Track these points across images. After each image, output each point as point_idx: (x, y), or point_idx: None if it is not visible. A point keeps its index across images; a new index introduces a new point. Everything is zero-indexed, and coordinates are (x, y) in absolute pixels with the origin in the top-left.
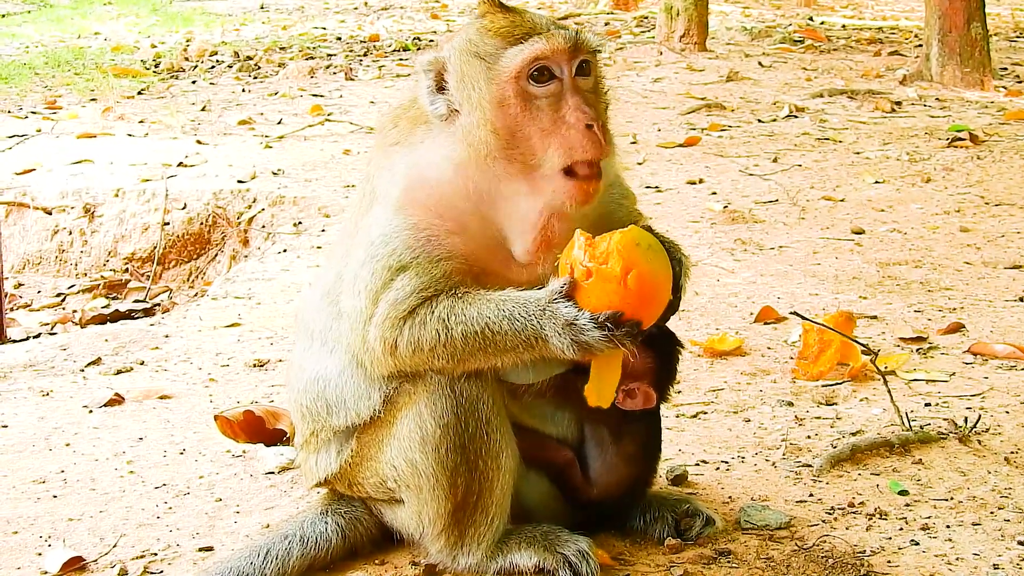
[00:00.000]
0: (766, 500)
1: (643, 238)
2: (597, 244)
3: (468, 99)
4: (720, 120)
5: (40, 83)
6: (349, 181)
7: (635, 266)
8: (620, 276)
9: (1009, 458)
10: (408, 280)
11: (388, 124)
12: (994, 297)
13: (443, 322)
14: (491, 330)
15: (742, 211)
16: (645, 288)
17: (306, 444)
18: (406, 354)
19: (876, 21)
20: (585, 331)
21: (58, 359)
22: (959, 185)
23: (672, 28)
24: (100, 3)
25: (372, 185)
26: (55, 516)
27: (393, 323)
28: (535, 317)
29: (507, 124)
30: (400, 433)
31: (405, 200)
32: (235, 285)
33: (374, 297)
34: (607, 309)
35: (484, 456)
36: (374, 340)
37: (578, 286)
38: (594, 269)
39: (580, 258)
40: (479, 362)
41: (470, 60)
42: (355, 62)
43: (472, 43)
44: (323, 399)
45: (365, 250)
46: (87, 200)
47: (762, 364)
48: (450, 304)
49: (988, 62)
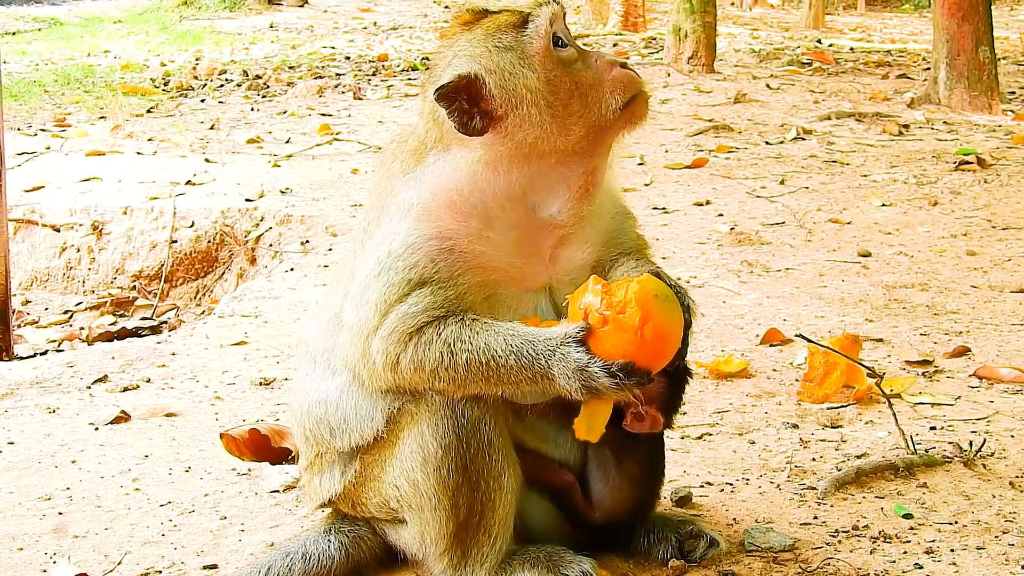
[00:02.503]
0: (770, 522)
1: (660, 289)
2: (614, 292)
3: (515, 94)
4: (727, 142)
5: (49, 101)
6: (357, 200)
7: (652, 318)
8: (637, 327)
9: (1014, 482)
10: (423, 297)
11: (405, 147)
12: (1000, 321)
13: (448, 346)
14: (496, 363)
15: (749, 233)
16: (660, 339)
17: (310, 467)
18: (407, 371)
19: (884, 44)
20: (596, 378)
21: (65, 376)
22: (966, 208)
23: (680, 50)
24: (110, 21)
25: (383, 205)
26: (60, 533)
27: (400, 337)
28: (543, 356)
29: (560, 96)
30: (402, 453)
31: (432, 206)
32: (242, 303)
33: (384, 309)
34: (621, 358)
35: (486, 476)
36: (377, 352)
37: (592, 332)
38: (611, 317)
39: (595, 305)
40: (479, 389)
41: (503, 57)
42: (364, 82)
43: (490, 45)
44: (326, 422)
45: (381, 261)
46: (95, 217)
47: (767, 386)
48: (457, 330)
49: (996, 86)
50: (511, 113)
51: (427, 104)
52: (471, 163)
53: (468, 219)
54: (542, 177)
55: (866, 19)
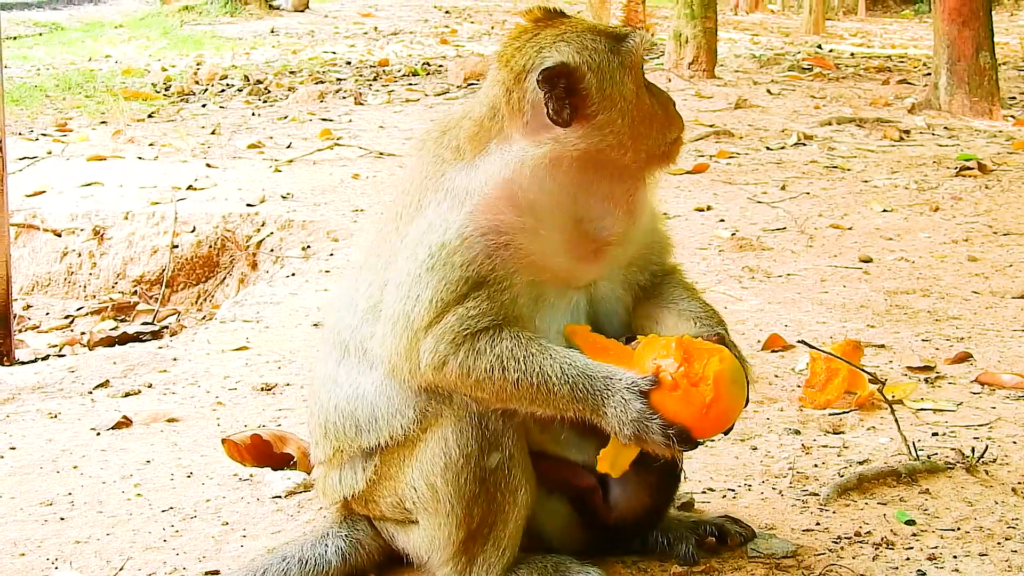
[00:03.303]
0: (773, 529)
1: (736, 374)
2: (693, 361)
3: (611, 97)
4: (728, 147)
5: (51, 105)
6: (358, 205)
7: (721, 401)
8: (706, 405)
9: (1016, 488)
10: (481, 300)
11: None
12: (1002, 327)
13: (501, 361)
14: (547, 387)
15: (750, 239)
16: (721, 419)
17: (328, 461)
18: (452, 374)
19: (885, 49)
20: (651, 433)
21: (66, 381)
22: (967, 214)
23: (681, 55)
24: (111, 26)
25: (427, 190)
26: (62, 538)
27: (454, 338)
28: (601, 395)
29: (642, 113)
30: (424, 456)
31: (492, 198)
32: (243, 308)
33: (441, 308)
34: (679, 423)
35: (503, 489)
36: (425, 351)
37: (659, 389)
38: (683, 386)
39: (672, 368)
40: (520, 407)
41: (607, 59)
42: (365, 87)
43: (592, 44)
44: (353, 418)
45: (434, 254)
46: (96, 222)
47: (769, 392)
48: (512, 346)
49: (997, 91)
50: (601, 114)
51: (500, 88)
52: (536, 158)
53: (526, 215)
54: (596, 187)
55: (866, 24)
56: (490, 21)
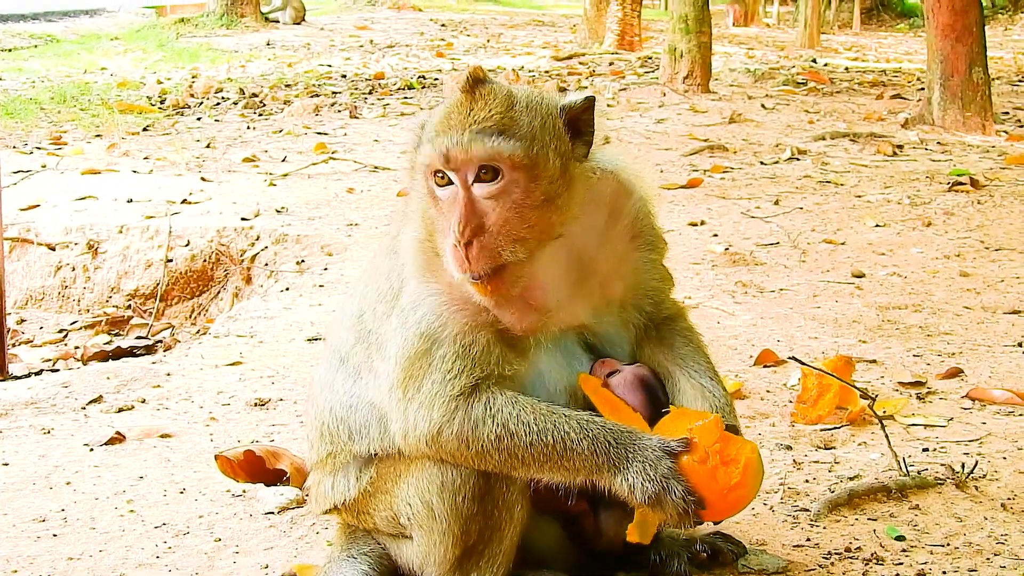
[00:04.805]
0: (763, 544)
1: (761, 470)
2: (731, 444)
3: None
4: (722, 162)
5: (45, 118)
6: (352, 219)
7: (743, 488)
8: (729, 487)
9: (1006, 504)
10: (449, 358)
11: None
12: (993, 342)
13: (506, 428)
14: (564, 445)
15: (743, 253)
16: (734, 505)
17: (321, 464)
18: (450, 445)
19: (879, 64)
20: (672, 495)
21: (59, 397)
22: (959, 229)
23: (676, 69)
24: (107, 38)
25: (398, 239)
26: (55, 555)
27: (444, 404)
28: (626, 449)
29: (428, 215)
30: (421, 474)
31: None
32: (237, 323)
33: (413, 371)
34: (699, 496)
35: (500, 507)
36: (418, 420)
37: (690, 452)
38: (715, 462)
39: (709, 442)
40: (527, 471)
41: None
42: (360, 100)
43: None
44: (346, 424)
45: (397, 316)
46: (91, 236)
47: (761, 407)
48: (516, 411)
49: (990, 106)
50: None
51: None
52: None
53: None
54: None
55: (861, 38)
56: (486, 34)
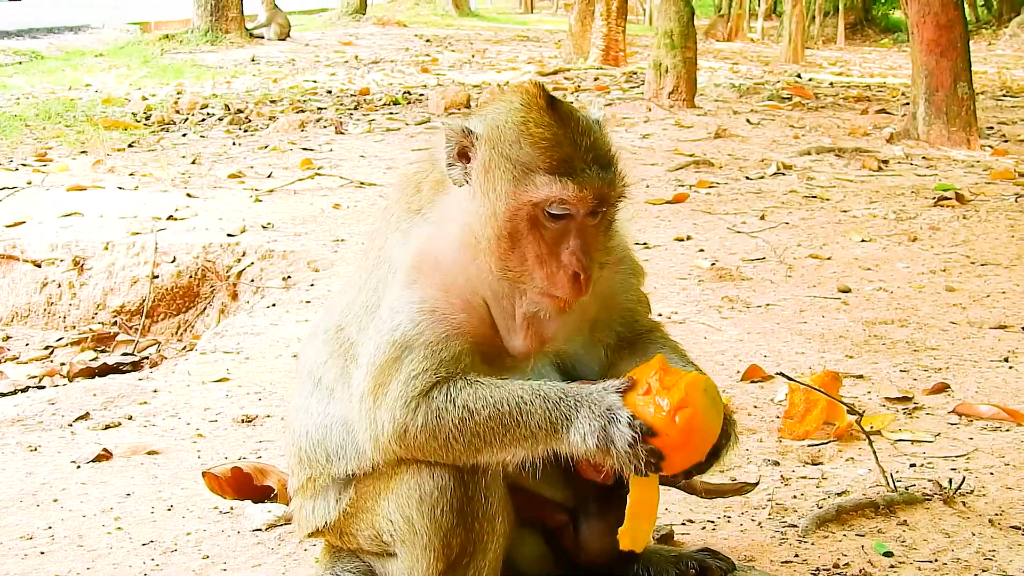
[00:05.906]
0: (752, 560)
1: (711, 389)
2: (670, 372)
3: (485, 192)
4: (708, 177)
5: (31, 135)
6: (339, 235)
7: (690, 406)
8: (674, 407)
9: (993, 520)
10: (417, 361)
11: (411, 187)
12: (979, 357)
13: (467, 408)
14: (519, 410)
15: (729, 269)
16: (689, 431)
17: (302, 490)
18: (418, 440)
19: (863, 79)
20: (618, 422)
21: (46, 414)
22: (945, 244)
23: (661, 84)
24: (91, 55)
25: (384, 248)
26: (42, 573)
27: (407, 403)
28: (573, 399)
29: (511, 235)
30: (399, 489)
31: (414, 274)
32: (224, 339)
33: (382, 378)
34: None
35: (480, 519)
36: (383, 422)
37: (633, 388)
38: (655, 389)
39: (647, 375)
40: (492, 451)
41: (500, 158)
42: (345, 116)
43: (507, 139)
44: (323, 447)
45: (374, 324)
46: (76, 253)
47: (748, 423)
48: (473, 391)
49: (974, 121)
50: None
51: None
52: (455, 235)
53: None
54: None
55: (845, 53)
56: (471, 50)
